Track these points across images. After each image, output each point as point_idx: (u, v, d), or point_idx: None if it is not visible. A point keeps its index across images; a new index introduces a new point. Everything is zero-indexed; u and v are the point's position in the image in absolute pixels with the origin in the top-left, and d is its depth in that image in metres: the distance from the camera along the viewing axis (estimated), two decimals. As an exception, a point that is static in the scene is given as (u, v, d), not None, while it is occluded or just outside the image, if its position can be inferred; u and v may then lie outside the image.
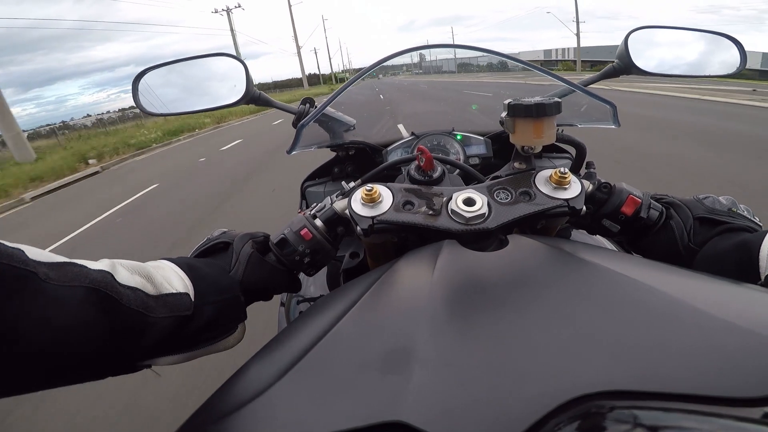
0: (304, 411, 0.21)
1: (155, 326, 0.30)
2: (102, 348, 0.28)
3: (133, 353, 0.30)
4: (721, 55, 0.78)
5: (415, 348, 0.23)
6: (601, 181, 0.46)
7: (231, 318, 0.38)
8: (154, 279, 0.32)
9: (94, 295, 0.27)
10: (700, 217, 0.43)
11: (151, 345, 0.31)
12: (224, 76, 0.72)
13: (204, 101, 0.72)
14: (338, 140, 0.71)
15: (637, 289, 0.26)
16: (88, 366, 0.28)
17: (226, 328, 0.38)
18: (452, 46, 0.71)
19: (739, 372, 0.19)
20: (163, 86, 0.76)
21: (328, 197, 0.47)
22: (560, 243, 0.34)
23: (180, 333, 0.33)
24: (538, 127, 0.43)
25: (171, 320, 0.31)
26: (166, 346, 0.32)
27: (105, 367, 0.29)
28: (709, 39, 0.79)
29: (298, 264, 0.44)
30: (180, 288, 0.33)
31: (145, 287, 0.31)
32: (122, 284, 0.29)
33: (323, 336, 0.26)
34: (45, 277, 0.25)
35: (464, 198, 0.39)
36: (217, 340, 0.37)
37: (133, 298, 0.29)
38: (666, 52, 0.77)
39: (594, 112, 0.58)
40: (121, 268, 0.30)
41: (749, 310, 0.25)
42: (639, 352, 0.21)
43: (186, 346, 0.35)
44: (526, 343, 0.22)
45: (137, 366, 0.32)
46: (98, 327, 0.27)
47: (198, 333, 0.35)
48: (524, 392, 0.19)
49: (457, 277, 0.30)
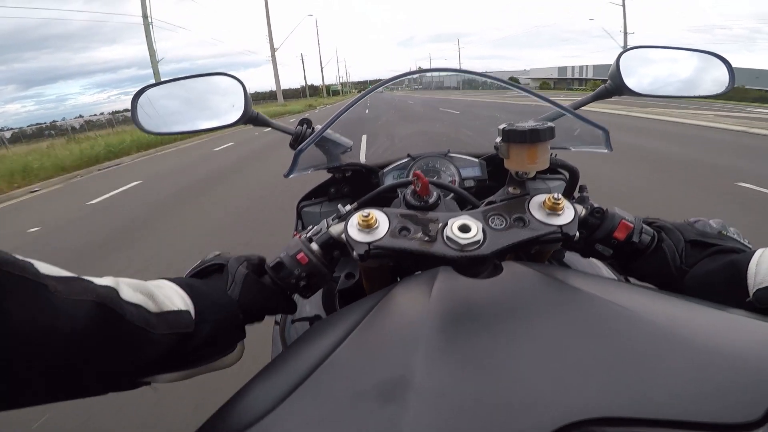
0: None
1: (157, 343, 0.31)
2: (105, 363, 0.28)
3: (135, 369, 0.31)
4: (711, 75, 0.79)
5: (412, 377, 0.23)
6: (594, 206, 0.47)
7: (230, 336, 0.39)
8: (155, 297, 0.32)
9: (100, 310, 0.27)
10: (691, 240, 0.44)
11: (152, 361, 0.31)
12: (223, 96, 0.73)
13: (202, 121, 0.72)
14: (335, 162, 0.71)
15: (628, 318, 0.26)
16: (90, 380, 0.28)
17: (225, 347, 0.38)
18: (451, 70, 0.72)
19: (728, 398, 0.19)
20: (162, 105, 0.76)
21: (324, 220, 0.47)
22: (553, 271, 0.35)
23: (180, 350, 0.33)
24: (533, 152, 0.44)
25: (172, 337, 0.32)
26: (167, 364, 0.33)
27: (106, 383, 0.30)
28: (699, 58, 0.80)
29: (294, 287, 0.44)
30: (181, 306, 0.34)
31: (147, 304, 0.31)
32: (126, 300, 0.29)
33: (321, 362, 0.27)
34: (54, 289, 0.25)
35: (459, 225, 0.39)
36: (216, 358, 0.38)
37: (137, 315, 0.30)
38: (657, 72, 0.78)
39: (586, 136, 0.59)
40: (125, 285, 0.31)
41: (736, 336, 0.25)
42: (630, 380, 0.21)
43: (186, 364, 0.35)
44: (520, 373, 0.23)
45: (137, 383, 0.32)
46: (102, 341, 0.27)
47: (198, 351, 0.35)
48: (517, 422, 0.20)
49: (452, 306, 0.31)
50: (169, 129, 0.74)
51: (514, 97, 0.66)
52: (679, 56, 0.81)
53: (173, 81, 0.76)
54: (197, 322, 0.34)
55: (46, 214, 5.01)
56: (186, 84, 0.77)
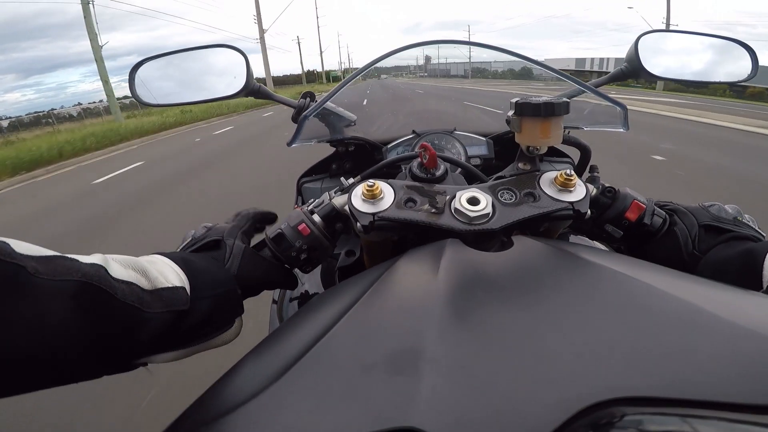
0: (305, 415, 0.20)
1: (151, 322, 0.29)
2: (96, 345, 0.26)
3: (129, 351, 0.29)
4: (733, 62, 0.77)
5: (423, 348, 0.22)
6: (605, 186, 0.46)
7: (228, 312, 0.37)
8: (148, 273, 0.31)
9: (87, 290, 0.25)
10: (705, 225, 0.43)
11: (146, 341, 0.29)
12: (224, 68, 0.71)
13: (203, 93, 0.70)
14: (338, 135, 0.69)
15: (648, 293, 0.25)
16: (82, 365, 0.27)
17: (223, 323, 0.37)
18: (465, 42, 0.68)
19: (757, 378, 0.18)
20: (162, 77, 0.74)
21: (326, 193, 0.45)
22: (566, 245, 0.33)
23: (176, 329, 0.32)
24: (546, 127, 0.42)
25: (167, 315, 0.30)
26: (162, 343, 0.31)
27: (99, 366, 0.28)
28: (721, 45, 0.77)
29: (295, 260, 0.42)
30: (175, 282, 0.32)
31: (139, 281, 0.30)
32: (116, 278, 0.28)
33: (323, 335, 0.25)
34: (34, 271, 0.23)
35: (468, 197, 0.37)
36: (214, 335, 0.36)
37: (128, 293, 0.28)
38: (676, 57, 0.76)
39: (601, 115, 0.57)
40: (114, 263, 0.29)
41: (763, 316, 0.24)
42: (657, 358, 0.20)
43: (182, 343, 0.33)
44: (539, 347, 0.21)
45: (132, 364, 0.31)
46: (92, 323, 0.26)
47: (195, 328, 0.33)
48: (542, 398, 0.18)
49: (464, 277, 0.29)
50: (169, 101, 0.73)
51: (534, 88, 0.63)
52: (699, 41, 0.78)
53: (173, 53, 0.74)
54: (193, 298, 0.33)
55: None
56: (186, 56, 0.75)
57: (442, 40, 0.65)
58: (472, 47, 0.70)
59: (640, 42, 0.69)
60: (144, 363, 0.31)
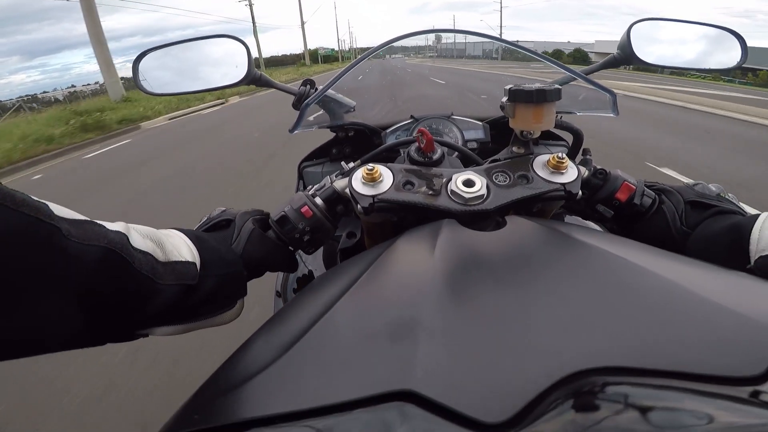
0: (312, 381, 0.22)
1: (161, 293, 0.30)
2: (109, 310, 0.28)
3: (136, 319, 0.31)
4: (723, 50, 0.78)
5: (420, 318, 0.23)
6: (597, 168, 0.47)
7: (232, 292, 0.39)
8: (164, 245, 0.32)
9: (110, 257, 0.27)
10: (691, 201, 0.44)
11: (153, 312, 0.30)
12: (226, 57, 0.72)
13: (205, 82, 0.72)
14: (338, 121, 0.71)
15: (633, 271, 0.26)
16: (91, 330, 0.28)
17: (226, 302, 0.38)
18: (460, 31, 0.70)
19: (730, 352, 0.19)
20: (165, 67, 0.75)
21: (327, 176, 0.47)
22: (557, 225, 0.35)
23: (182, 303, 0.33)
24: (538, 112, 0.44)
25: (176, 288, 0.31)
26: (167, 316, 0.32)
27: (106, 333, 0.29)
28: (712, 33, 0.79)
29: (298, 241, 0.44)
30: (188, 257, 0.33)
31: (155, 252, 0.31)
32: (135, 247, 0.29)
33: (327, 310, 0.26)
34: (67, 233, 0.25)
35: (464, 179, 0.39)
36: (216, 313, 0.37)
37: (144, 262, 0.29)
38: (668, 45, 0.77)
39: (593, 101, 0.59)
40: (135, 232, 0.30)
41: (741, 295, 0.26)
42: (635, 331, 0.21)
43: (185, 317, 0.35)
44: (526, 321, 0.23)
45: (135, 334, 0.32)
46: (109, 288, 0.27)
47: (199, 305, 0.35)
48: (525, 367, 0.20)
49: (458, 256, 0.31)
50: (172, 90, 0.74)
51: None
52: (691, 30, 0.79)
53: (175, 44, 0.75)
54: (202, 275, 0.34)
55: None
56: (188, 46, 0.76)
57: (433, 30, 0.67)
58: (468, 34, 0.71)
59: (632, 29, 0.70)
60: (145, 334, 0.33)
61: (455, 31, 0.77)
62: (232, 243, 0.41)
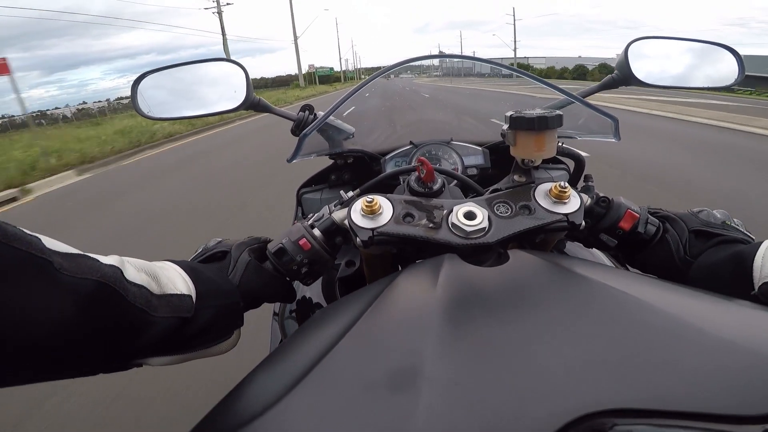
0: (315, 430, 0.21)
1: (155, 325, 0.30)
2: (101, 343, 0.28)
3: (130, 351, 0.30)
4: (721, 66, 0.78)
5: (422, 366, 0.23)
6: (600, 195, 0.47)
7: (228, 323, 0.38)
8: (159, 278, 0.32)
9: (103, 290, 0.27)
10: (695, 230, 0.44)
11: (148, 344, 0.31)
12: (224, 81, 0.72)
13: (203, 106, 0.72)
14: (337, 148, 0.71)
15: (639, 308, 0.26)
16: (84, 361, 0.28)
17: (222, 334, 0.38)
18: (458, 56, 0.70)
19: (740, 390, 0.19)
20: (163, 90, 0.75)
21: (326, 206, 0.46)
22: (560, 259, 0.35)
23: (177, 334, 0.33)
24: (540, 140, 0.44)
25: (171, 321, 0.31)
26: (162, 347, 0.32)
27: (99, 363, 0.29)
28: (709, 49, 0.79)
29: (296, 273, 0.44)
30: (183, 290, 0.33)
31: (150, 285, 0.31)
32: (129, 281, 0.29)
33: (327, 352, 0.26)
34: (59, 266, 0.25)
35: (465, 212, 0.39)
36: (212, 344, 0.37)
37: (139, 295, 0.29)
38: (665, 63, 0.77)
39: (594, 125, 0.58)
40: (129, 265, 0.30)
41: (747, 328, 0.25)
42: (643, 371, 0.21)
43: (181, 348, 0.35)
44: (531, 362, 0.22)
45: (129, 364, 0.32)
46: (101, 322, 0.27)
47: (194, 336, 0.35)
48: (533, 412, 0.19)
49: (461, 294, 0.30)
50: (170, 114, 0.74)
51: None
52: (687, 47, 0.80)
53: (174, 66, 0.75)
54: (197, 307, 0.34)
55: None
56: (187, 69, 0.76)
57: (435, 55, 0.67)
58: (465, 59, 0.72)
59: (629, 49, 0.71)
60: (139, 364, 0.33)
61: (458, 57, 0.77)
62: (228, 274, 0.40)
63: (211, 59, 0.75)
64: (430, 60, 0.67)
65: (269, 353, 0.34)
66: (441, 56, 0.80)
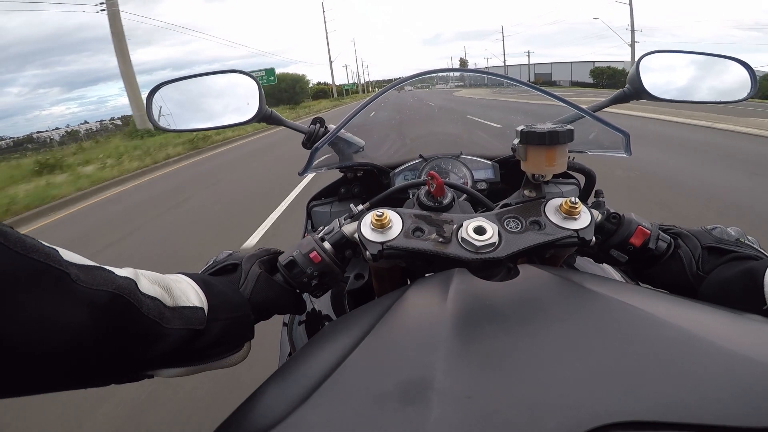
0: None
1: (168, 337, 0.31)
2: (115, 354, 0.28)
3: (142, 362, 0.31)
4: (733, 80, 0.78)
5: (433, 378, 0.23)
6: (610, 211, 0.46)
7: (239, 335, 0.39)
8: (172, 291, 0.33)
9: (118, 302, 0.27)
10: (708, 247, 0.43)
11: (160, 355, 0.31)
12: (237, 94, 0.73)
13: (216, 119, 0.73)
14: (348, 162, 0.71)
15: (650, 321, 0.26)
16: (96, 371, 0.28)
17: (232, 346, 0.38)
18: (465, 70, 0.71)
19: (752, 402, 0.19)
20: (177, 102, 0.77)
21: (336, 220, 0.47)
22: (570, 274, 0.34)
23: (189, 346, 0.33)
24: (551, 155, 0.43)
25: (184, 333, 0.32)
26: (174, 358, 0.33)
27: (111, 374, 0.30)
28: (721, 63, 0.78)
29: (306, 285, 0.44)
30: (196, 302, 0.34)
31: (163, 298, 0.31)
32: (143, 293, 0.30)
33: (338, 365, 0.26)
34: (76, 278, 0.25)
35: (475, 226, 0.39)
36: (223, 356, 0.37)
37: (152, 308, 0.30)
38: (678, 77, 0.77)
39: (605, 140, 0.58)
40: (143, 278, 0.31)
41: (759, 341, 0.25)
42: (654, 383, 0.21)
43: (192, 360, 0.35)
44: (542, 375, 0.22)
45: (141, 375, 0.32)
46: (116, 332, 0.27)
47: (205, 348, 0.35)
48: (543, 424, 0.19)
49: (471, 307, 0.30)
50: (183, 126, 0.75)
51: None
52: (700, 61, 0.79)
53: (188, 78, 0.77)
54: (209, 319, 0.35)
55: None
56: (201, 81, 0.77)
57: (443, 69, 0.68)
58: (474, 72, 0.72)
59: (641, 63, 0.70)
60: (151, 375, 0.33)
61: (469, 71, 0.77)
62: (239, 287, 0.41)
63: (225, 71, 0.76)
64: (450, 65, 0.67)
65: (280, 365, 0.34)
66: (451, 71, 0.79)
